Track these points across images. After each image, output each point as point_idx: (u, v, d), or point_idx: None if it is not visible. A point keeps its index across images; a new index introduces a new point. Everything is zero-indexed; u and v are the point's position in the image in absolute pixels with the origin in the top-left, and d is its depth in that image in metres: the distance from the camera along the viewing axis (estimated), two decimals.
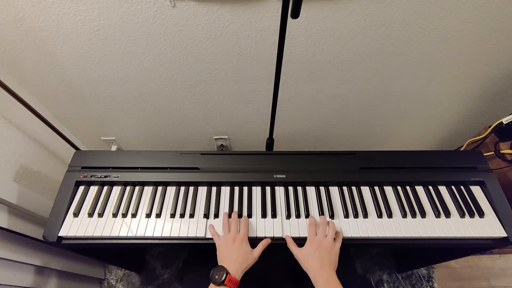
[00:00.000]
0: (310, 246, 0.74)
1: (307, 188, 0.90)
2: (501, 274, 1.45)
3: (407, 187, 0.90)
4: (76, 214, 0.84)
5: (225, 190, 0.90)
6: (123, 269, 1.45)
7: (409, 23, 0.91)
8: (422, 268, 1.44)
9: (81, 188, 0.90)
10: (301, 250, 0.75)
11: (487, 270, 1.46)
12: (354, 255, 1.47)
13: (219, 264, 0.72)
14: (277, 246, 0.81)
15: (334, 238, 0.77)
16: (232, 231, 0.78)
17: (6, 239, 0.91)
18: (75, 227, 0.82)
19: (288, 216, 0.84)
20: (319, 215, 0.84)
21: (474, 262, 1.48)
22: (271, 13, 0.88)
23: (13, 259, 0.91)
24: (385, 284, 1.41)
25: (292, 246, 0.77)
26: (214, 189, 0.90)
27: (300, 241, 0.81)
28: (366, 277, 1.42)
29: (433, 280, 1.42)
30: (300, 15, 0.59)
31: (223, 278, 0.67)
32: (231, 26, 0.91)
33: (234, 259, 0.72)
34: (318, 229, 0.79)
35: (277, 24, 0.89)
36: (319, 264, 0.71)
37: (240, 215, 0.84)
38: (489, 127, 1.10)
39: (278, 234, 0.81)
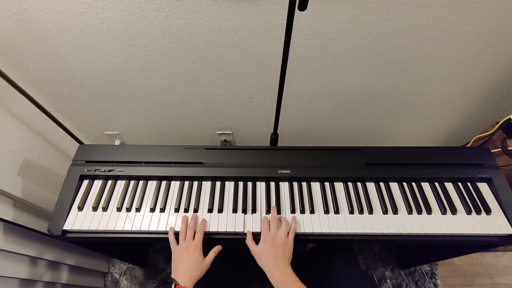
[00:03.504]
0: (265, 243, 0.74)
1: (312, 183, 0.90)
2: (505, 271, 1.45)
3: (413, 184, 0.89)
4: (80, 208, 0.84)
5: (229, 185, 0.90)
6: (126, 263, 1.46)
7: (417, 17, 0.89)
8: (425, 265, 1.43)
9: (85, 182, 0.90)
10: (257, 247, 0.75)
11: (491, 268, 1.45)
12: (357, 251, 1.47)
13: (172, 274, 0.73)
14: None
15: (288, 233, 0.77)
16: (187, 239, 0.78)
17: (11, 232, 0.91)
18: (79, 221, 0.82)
19: (293, 212, 0.84)
20: (323, 211, 0.84)
21: (477, 259, 1.47)
22: (277, 6, 0.86)
23: (17, 251, 0.92)
24: (388, 280, 1.41)
25: (250, 242, 0.77)
26: (218, 184, 0.90)
27: (305, 237, 0.81)
28: (369, 273, 1.42)
29: (436, 276, 1.42)
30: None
31: None
32: (236, 19, 0.90)
33: (185, 268, 0.73)
34: (270, 225, 0.78)
35: (283, 17, 0.88)
36: (274, 259, 0.71)
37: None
38: (497, 123, 1.09)
39: None
